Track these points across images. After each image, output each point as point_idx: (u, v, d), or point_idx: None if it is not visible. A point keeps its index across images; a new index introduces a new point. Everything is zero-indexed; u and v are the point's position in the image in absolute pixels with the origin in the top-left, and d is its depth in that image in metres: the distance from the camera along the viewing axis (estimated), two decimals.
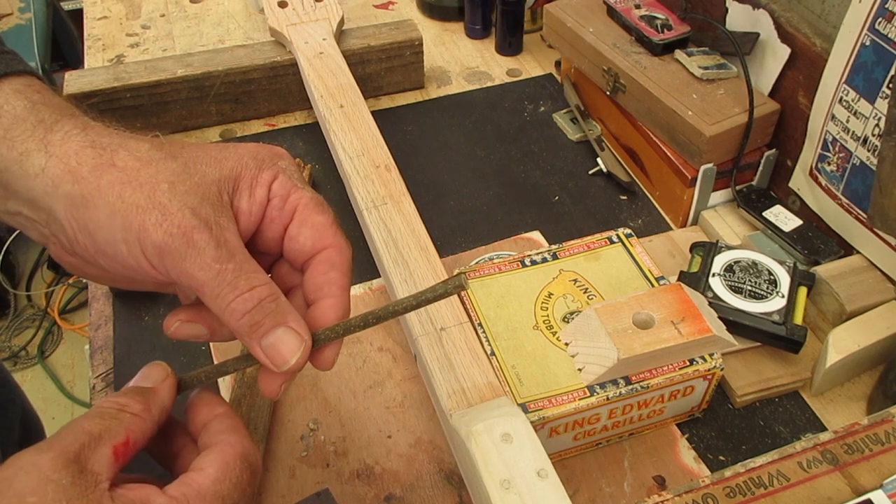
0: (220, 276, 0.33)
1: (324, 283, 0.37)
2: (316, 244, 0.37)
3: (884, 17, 0.52)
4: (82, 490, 0.30)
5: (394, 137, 0.74)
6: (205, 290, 0.33)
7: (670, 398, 0.51)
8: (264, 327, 0.34)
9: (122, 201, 0.33)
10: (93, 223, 0.33)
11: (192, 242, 0.33)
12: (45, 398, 1.69)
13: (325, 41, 0.77)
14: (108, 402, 0.34)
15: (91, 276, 0.38)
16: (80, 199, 0.33)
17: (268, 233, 0.38)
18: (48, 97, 0.38)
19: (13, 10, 1.66)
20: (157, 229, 0.33)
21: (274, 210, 0.37)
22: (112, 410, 0.33)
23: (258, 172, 0.37)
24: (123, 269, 0.35)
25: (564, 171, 0.75)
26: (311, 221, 0.37)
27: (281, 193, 0.37)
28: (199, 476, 0.33)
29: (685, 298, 0.50)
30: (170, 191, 0.34)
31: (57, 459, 0.30)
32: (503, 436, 0.42)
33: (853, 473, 0.42)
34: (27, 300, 1.87)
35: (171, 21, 0.96)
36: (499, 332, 0.52)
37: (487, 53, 0.91)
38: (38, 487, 0.29)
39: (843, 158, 0.58)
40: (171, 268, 0.33)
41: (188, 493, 0.32)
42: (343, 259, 0.37)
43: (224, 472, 0.34)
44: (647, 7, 0.74)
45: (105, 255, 0.34)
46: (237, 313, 0.34)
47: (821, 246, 0.61)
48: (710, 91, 0.66)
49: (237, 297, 0.33)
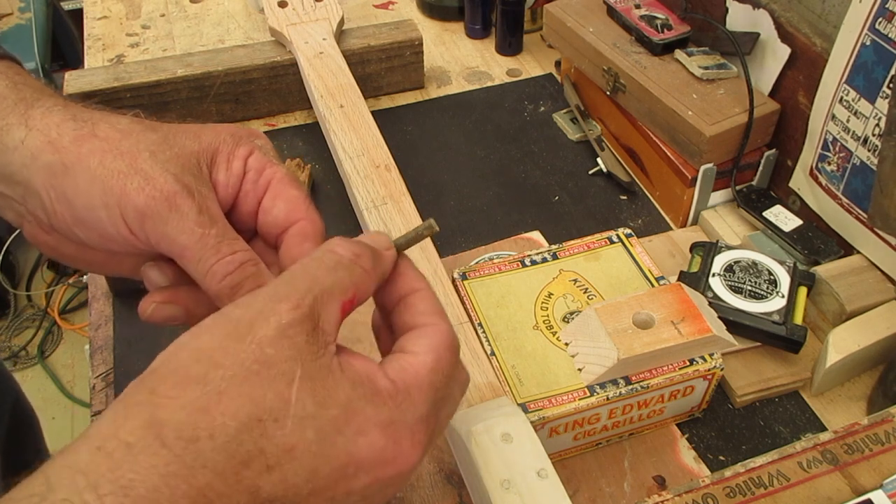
0: (202, 241, 0.33)
1: (298, 254, 0.37)
2: (289, 216, 0.37)
3: (884, 16, 0.52)
4: (315, 351, 0.29)
5: (394, 137, 0.74)
6: (186, 253, 0.34)
7: (670, 398, 0.51)
8: (245, 289, 0.34)
9: (103, 167, 0.33)
10: (72, 190, 0.34)
11: (175, 207, 0.33)
12: (45, 398, 1.69)
13: (325, 41, 0.77)
14: (342, 247, 0.32)
15: (67, 256, 0.38)
16: (59, 167, 0.34)
17: (243, 207, 0.38)
18: (29, 79, 0.38)
19: (13, 10, 1.66)
20: (139, 193, 0.33)
21: (248, 184, 0.37)
22: (346, 260, 0.32)
23: (235, 147, 0.37)
24: (100, 239, 0.35)
25: (564, 171, 0.75)
26: (285, 195, 0.37)
27: (256, 167, 0.37)
28: (415, 362, 0.32)
29: (685, 298, 0.50)
30: (151, 158, 0.34)
31: (294, 311, 0.29)
32: (503, 436, 0.42)
33: (853, 473, 0.42)
34: (27, 300, 1.87)
35: (171, 21, 0.96)
36: (499, 332, 0.52)
37: (487, 53, 0.91)
38: (276, 340, 0.28)
39: (843, 158, 0.58)
40: (152, 232, 0.33)
41: (407, 379, 0.31)
42: (316, 231, 0.38)
43: (437, 361, 0.32)
44: (647, 7, 0.74)
45: (83, 224, 0.34)
46: (218, 276, 0.34)
47: (821, 246, 0.61)
48: (710, 91, 0.66)
49: (219, 260, 0.34)
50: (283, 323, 0.28)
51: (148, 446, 0.25)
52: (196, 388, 0.26)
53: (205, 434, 0.25)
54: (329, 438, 0.28)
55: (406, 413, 0.30)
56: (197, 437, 0.25)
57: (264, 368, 0.27)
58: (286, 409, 0.27)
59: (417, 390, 0.31)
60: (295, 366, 0.28)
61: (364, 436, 0.29)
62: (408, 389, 0.31)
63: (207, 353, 0.27)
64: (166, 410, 0.26)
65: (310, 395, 0.28)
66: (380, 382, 0.30)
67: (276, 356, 0.27)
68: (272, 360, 0.27)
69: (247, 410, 0.26)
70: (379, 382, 0.30)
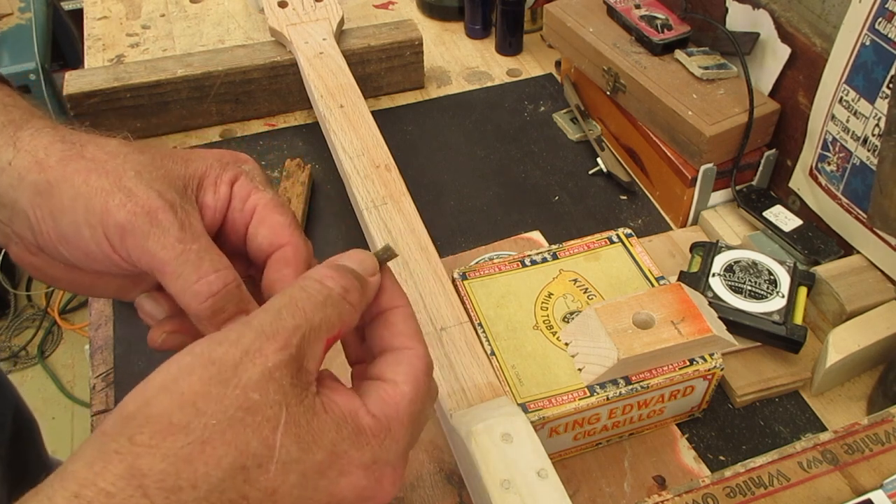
0: (182, 256, 0.33)
1: (276, 279, 0.36)
2: (273, 242, 0.37)
3: (884, 17, 0.52)
4: (299, 394, 0.28)
5: (394, 137, 0.74)
6: (166, 269, 0.33)
7: (670, 398, 0.51)
8: (226, 313, 0.33)
9: (87, 185, 0.33)
10: (57, 207, 0.33)
11: (157, 221, 0.33)
12: (45, 398, 1.69)
13: (325, 41, 0.77)
14: (332, 279, 0.32)
15: (53, 278, 0.37)
16: (45, 185, 0.33)
17: (231, 234, 0.38)
18: (18, 101, 0.38)
19: (13, 10, 1.66)
20: (120, 209, 0.33)
21: (235, 212, 0.37)
22: (336, 295, 0.31)
23: (221, 172, 0.37)
24: (85, 258, 0.34)
25: (564, 171, 0.75)
26: (269, 221, 0.37)
27: (241, 195, 0.37)
28: (395, 393, 0.32)
29: (685, 298, 0.50)
30: (136, 177, 0.34)
31: (281, 353, 0.28)
32: (503, 436, 0.42)
33: (853, 473, 0.42)
34: (27, 300, 1.87)
35: (171, 21, 0.96)
36: (499, 332, 0.52)
37: (487, 53, 0.91)
38: (261, 383, 0.27)
39: (843, 158, 0.58)
40: (133, 248, 0.33)
41: (388, 412, 0.31)
42: (298, 257, 0.37)
43: (416, 391, 0.32)
44: (647, 7, 0.74)
45: (67, 242, 0.34)
46: (200, 296, 0.33)
47: (821, 246, 0.61)
48: (710, 91, 0.66)
49: (200, 278, 0.33)
50: (270, 366, 0.28)
51: (129, 497, 0.24)
52: (179, 437, 0.26)
53: (187, 484, 0.25)
54: (312, 482, 0.28)
55: (388, 451, 0.30)
56: (179, 487, 0.25)
57: (249, 415, 0.27)
58: (270, 454, 0.27)
59: (398, 424, 0.31)
60: (280, 410, 0.27)
61: (347, 476, 0.29)
62: (389, 425, 0.31)
63: (190, 399, 0.26)
64: (147, 460, 0.25)
65: (294, 440, 0.27)
66: (363, 420, 0.30)
67: (261, 401, 0.27)
68: (257, 405, 0.27)
69: (231, 459, 0.26)
70: (362, 420, 0.30)
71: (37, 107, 0.39)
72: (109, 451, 0.26)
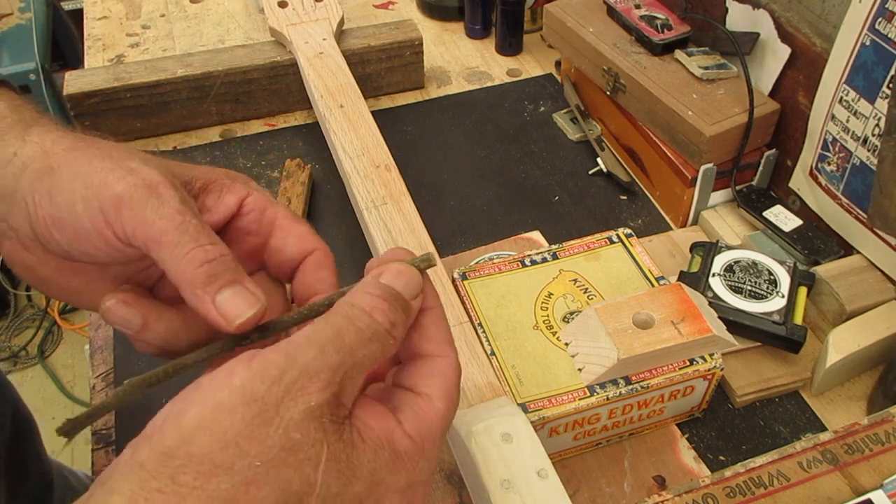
0: (182, 226, 0.32)
1: (314, 281, 0.37)
2: (303, 249, 0.38)
3: (884, 17, 0.52)
4: (337, 429, 0.28)
5: (394, 137, 0.74)
6: (163, 238, 0.32)
7: (670, 398, 0.51)
8: (222, 280, 0.32)
9: (90, 166, 0.33)
10: (55, 186, 0.33)
11: (157, 194, 0.32)
12: (45, 398, 1.69)
13: (325, 41, 0.77)
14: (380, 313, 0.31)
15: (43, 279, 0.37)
16: (46, 169, 0.34)
17: (244, 246, 0.38)
18: (29, 105, 0.39)
19: (13, 10, 1.66)
20: (118, 182, 0.32)
21: (252, 224, 0.38)
22: (383, 331, 0.30)
23: (231, 183, 0.37)
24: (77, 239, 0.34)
25: (564, 171, 0.75)
26: (294, 231, 0.38)
27: (257, 208, 0.38)
28: (430, 410, 0.31)
29: (685, 298, 0.50)
30: (141, 161, 0.34)
31: (324, 392, 0.28)
32: (503, 436, 0.42)
33: (853, 473, 0.42)
34: (27, 300, 1.87)
35: (171, 21, 0.96)
36: (499, 332, 0.52)
37: (487, 53, 0.91)
38: (303, 423, 0.27)
39: (843, 158, 0.58)
40: (128, 220, 0.32)
41: (423, 432, 0.30)
42: (330, 261, 0.38)
43: (449, 406, 0.32)
44: (647, 7, 0.74)
45: (61, 223, 0.33)
46: (196, 261, 0.32)
47: (821, 246, 0.61)
48: (710, 91, 0.66)
49: (198, 246, 0.32)
50: (312, 405, 0.27)
51: None
52: (223, 478, 0.26)
53: None
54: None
55: (422, 472, 0.30)
56: None
57: (291, 455, 0.27)
58: (311, 491, 0.27)
59: (432, 443, 0.31)
60: (321, 448, 0.27)
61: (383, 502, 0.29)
62: (423, 445, 0.30)
63: (233, 439, 0.26)
64: (192, 501, 0.25)
65: (335, 475, 0.27)
66: (399, 444, 0.30)
67: (302, 441, 0.27)
68: (299, 445, 0.27)
69: (273, 498, 0.26)
70: (398, 444, 0.30)
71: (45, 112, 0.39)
72: (151, 489, 0.25)
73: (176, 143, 0.79)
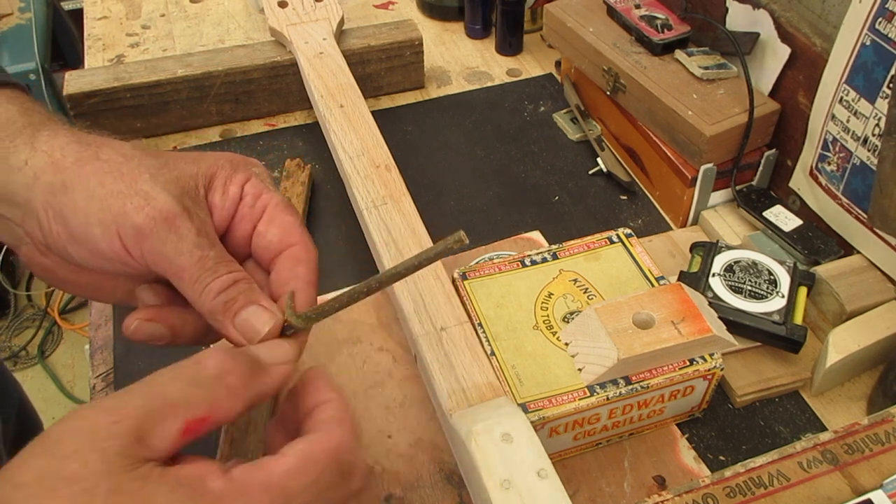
0: (201, 262, 0.35)
1: (290, 277, 0.38)
2: (283, 241, 0.38)
3: (884, 17, 0.52)
4: (129, 464, 0.27)
5: (394, 137, 0.74)
6: (184, 274, 0.34)
7: (670, 398, 0.51)
8: (238, 304, 0.35)
9: (103, 188, 0.34)
10: (69, 207, 0.34)
11: (175, 228, 0.34)
12: (45, 398, 1.69)
13: (325, 41, 0.77)
14: (212, 360, 0.31)
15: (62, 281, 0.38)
16: (59, 185, 0.35)
17: (238, 231, 0.39)
18: (38, 106, 0.40)
19: (13, 10, 1.66)
20: (138, 213, 0.34)
21: (245, 208, 0.39)
22: (207, 376, 0.31)
23: (232, 173, 0.39)
24: (93, 257, 0.35)
25: (564, 171, 0.75)
26: (280, 220, 0.38)
27: (253, 192, 0.39)
28: (274, 463, 0.30)
29: (685, 298, 0.50)
30: (151, 180, 0.35)
31: (115, 426, 0.28)
32: (503, 436, 0.42)
33: (853, 473, 0.42)
34: (27, 300, 1.87)
35: (171, 21, 0.96)
36: (499, 332, 0.52)
37: (487, 53, 0.91)
38: (83, 454, 0.27)
39: (843, 158, 0.58)
40: (149, 251, 0.34)
41: (252, 479, 0.29)
42: (309, 256, 0.38)
43: (304, 465, 0.30)
44: (647, 7, 0.74)
45: (77, 242, 0.35)
46: (213, 292, 0.35)
47: (821, 246, 0.61)
48: (710, 91, 0.66)
49: (216, 278, 0.35)
50: (98, 436, 0.27)
51: None
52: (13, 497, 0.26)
53: None
54: None
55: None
56: None
57: (65, 485, 0.26)
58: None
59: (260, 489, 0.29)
60: (100, 479, 0.27)
61: None
62: (245, 489, 0.29)
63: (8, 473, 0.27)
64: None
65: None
66: (212, 484, 0.28)
67: (79, 471, 0.27)
68: (74, 475, 0.27)
69: None
70: (210, 484, 0.28)
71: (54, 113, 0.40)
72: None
73: (176, 143, 0.79)
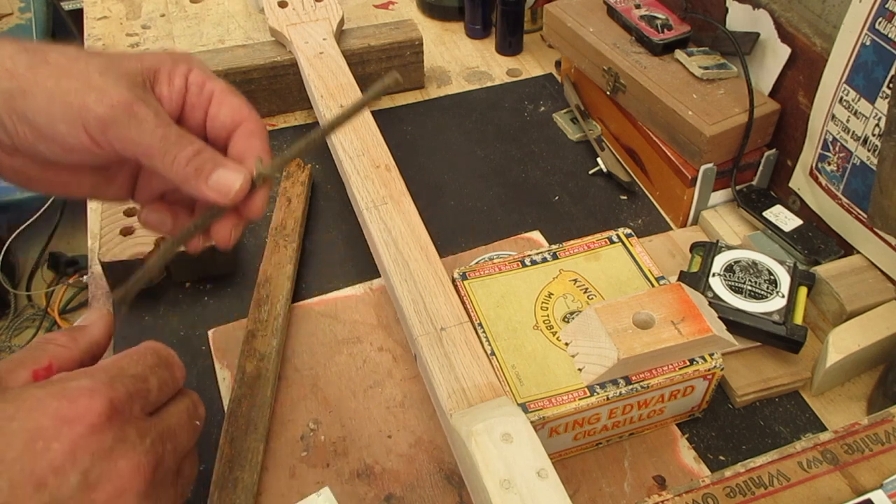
0: (164, 139, 0.39)
1: (246, 147, 0.42)
2: (235, 119, 0.42)
3: (884, 16, 0.52)
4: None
5: (394, 137, 0.73)
6: (152, 151, 0.39)
7: (670, 398, 0.51)
8: (207, 168, 0.40)
9: (60, 88, 0.37)
10: (31, 110, 0.37)
11: (134, 114, 0.38)
12: None
13: (325, 41, 0.77)
14: (40, 337, 0.38)
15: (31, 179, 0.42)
16: (18, 91, 0.37)
17: (191, 119, 0.42)
18: None
19: (13, 10, 1.66)
20: (98, 105, 0.37)
21: (193, 97, 0.42)
22: (39, 342, 0.39)
23: (174, 66, 0.42)
24: (62, 151, 0.39)
25: (564, 171, 0.75)
26: (228, 102, 0.43)
27: (197, 82, 0.42)
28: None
29: (685, 298, 0.50)
30: (101, 76, 0.38)
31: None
32: (503, 436, 0.42)
33: (853, 473, 0.42)
34: (27, 300, 1.87)
35: (171, 21, 0.96)
36: (499, 332, 0.52)
37: (487, 53, 0.91)
38: None
39: (843, 158, 0.58)
40: (115, 139, 0.38)
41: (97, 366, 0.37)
42: (260, 128, 0.43)
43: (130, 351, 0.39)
44: (647, 7, 0.74)
45: (45, 139, 0.38)
46: (182, 161, 0.39)
47: (821, 246, 0.61)
48: (710, 91, 0.66)
49: (181, 150, 0.39)
50: None
51: None
52: None
53: None
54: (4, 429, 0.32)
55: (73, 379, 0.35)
56: None
57: None
58: None
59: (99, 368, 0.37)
60: None
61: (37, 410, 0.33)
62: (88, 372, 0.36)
63: None
64: None
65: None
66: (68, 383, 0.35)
67: None
68: None
69: None
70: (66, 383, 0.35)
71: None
72: None
73: None
